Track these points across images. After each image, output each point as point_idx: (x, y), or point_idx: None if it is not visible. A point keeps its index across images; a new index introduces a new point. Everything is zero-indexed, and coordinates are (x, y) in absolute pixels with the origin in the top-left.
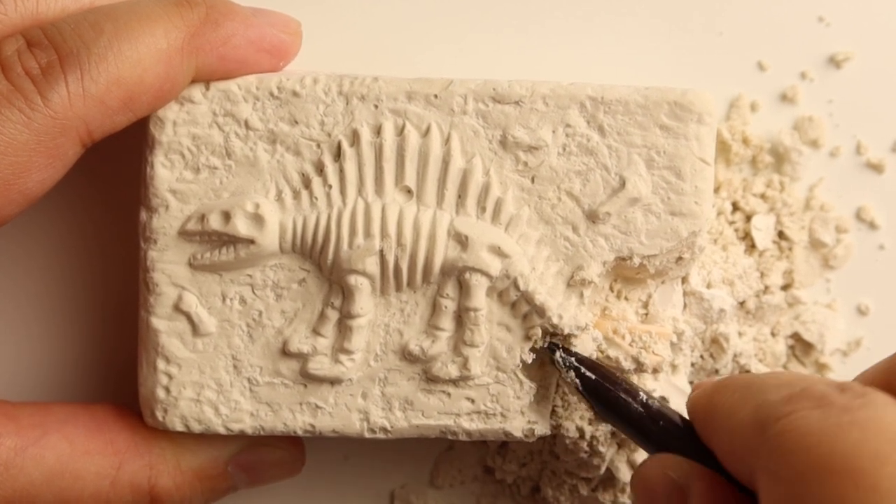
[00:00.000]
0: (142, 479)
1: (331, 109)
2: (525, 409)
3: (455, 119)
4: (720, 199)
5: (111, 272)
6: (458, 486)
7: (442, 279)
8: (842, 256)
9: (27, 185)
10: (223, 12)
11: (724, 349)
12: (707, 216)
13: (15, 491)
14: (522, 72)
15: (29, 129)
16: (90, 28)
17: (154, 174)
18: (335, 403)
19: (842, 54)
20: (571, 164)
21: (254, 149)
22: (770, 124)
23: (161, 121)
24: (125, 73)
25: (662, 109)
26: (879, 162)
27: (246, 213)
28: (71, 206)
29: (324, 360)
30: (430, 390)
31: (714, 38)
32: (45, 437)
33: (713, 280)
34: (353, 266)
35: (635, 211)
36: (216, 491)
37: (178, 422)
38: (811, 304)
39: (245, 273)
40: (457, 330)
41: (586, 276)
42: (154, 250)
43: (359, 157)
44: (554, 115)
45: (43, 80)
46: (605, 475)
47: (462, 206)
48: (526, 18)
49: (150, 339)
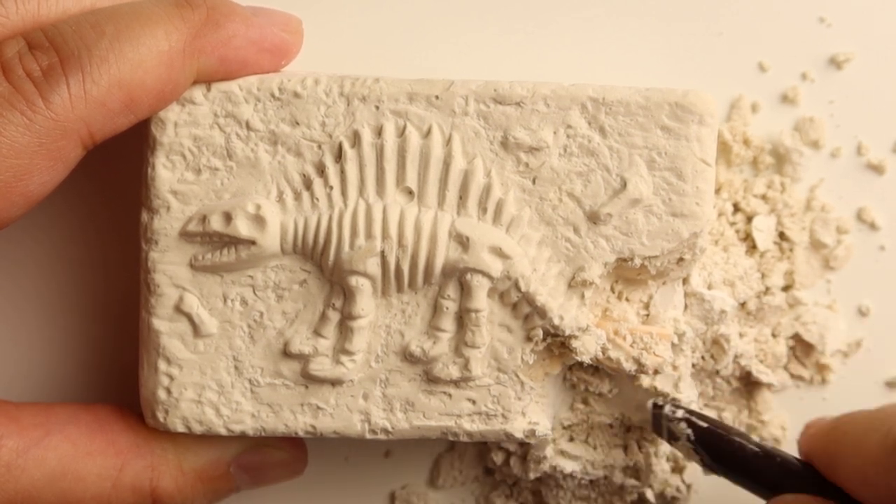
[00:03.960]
0: (143, 481)
1: (332, 110)
2: (526, 410)
3: (456, 120)
4: (721, 200)
5: (112, 273)
6: (458, 486)
7: (443, 280)
8: (842, 257)
9: (29, 187)
10: (224, 13)
11: (724, 350)
12: (708, 217)
13: (17, 492)
14: (523, 73)
15: (30, 131)
16: (91, 29)
17: (155, 175)
18: (336, 404)
19: (842, 55)
20: (573, 165)
21: (255, 150)
22: (771, 125)
23: (162, 122)
24: (126, 75)
25: (664, 110)
26: (880, 163)
27: (247, 214)
28: (72, 207)
29: (325, 361)
30: (431, 391)
31: (715, 39)
32: (46, 437)
33: (714, 281)
34: (354, 267)
35: (636, 212)
36: (218, 492)
37: (180, 423)
38: (812, 305)
39: (246, 274)
40: (458, 331)
41: (587, 277)
42: (155, 251)
43: (360, 158)
44: (555, 116)
45: (44, 83)
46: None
47: (463, 208)
48: (527, 19)
49: (152, 340)
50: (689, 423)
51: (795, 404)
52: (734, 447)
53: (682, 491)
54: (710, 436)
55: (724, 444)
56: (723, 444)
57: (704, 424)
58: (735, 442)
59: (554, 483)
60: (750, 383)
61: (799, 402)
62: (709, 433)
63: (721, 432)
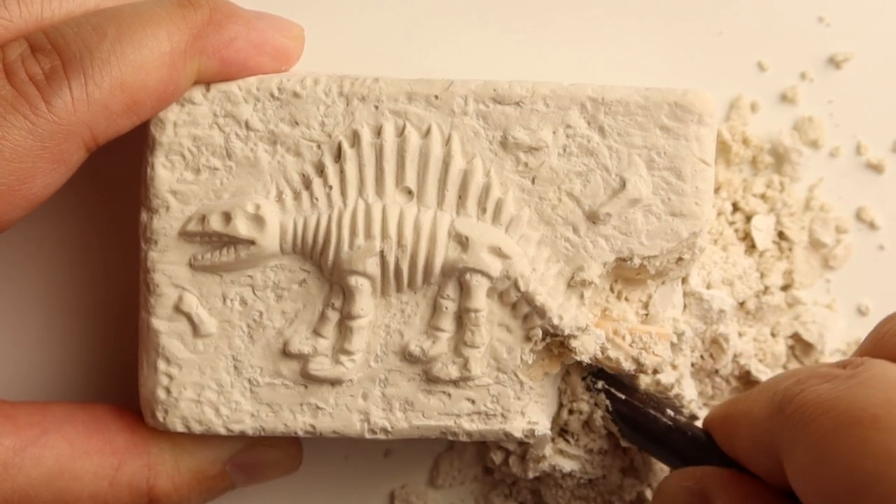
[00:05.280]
0: (140, 480)
1: (331, 110)
2: (525, 409)
3: (455, 120)
4: (720, 200)
5: (111, 273)
6: (458, 486)
7: (442, 280)
8: (842, 257)
9: (32, 190)
10: (226, 14)
11: (723, 350)
12: (707, 217)
13: (14, 491)
14: (523, 72)
15: (33, 135)
16: (93, 32)
17: (154, 175)
18: (335, 404)
19: (842, 55)
20: (572, 165)
21: (254, 150)
22: (770, 125)
23: (162, 122)
24: (129, 77)
25: (663, 110)
26: (879, 162)
27: (246, 214)
28: (71, 206)
29: (324, 361)
30: (430, 391)
31: (714, 39)
32: (43, 436)
33: (713, 280)
34: (353, 267)
35: (636, 212)
36: (214, 490)
37: (179, 422)
38: (811, 304)
39: (246, 274)
40: (457, 331)
41: (587, 276)
42: (154, 251)
43: (359, 158)
44: (554, 116)
45: (47, 86)
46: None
47: (462, 207)
48: (526, 19)
49: (151, 339)
50: (609, 393)
51: None
52: (648, 419)
53: None
54: (627, 407)
55: (638, 415)
56: (638, 415)
57: (622, 396)
58: (649, 415)
59: (553, 482)
60: (749, 383)
61: None
62: (625, 404)
63: (637, 404)
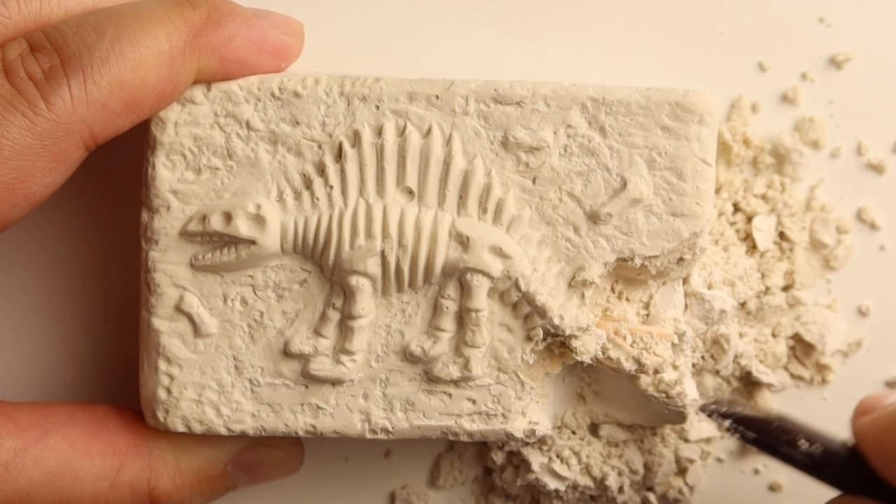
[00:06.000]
0: (141, 481)
1: (332, 110)
2: (526, 409)
3: (456, 120)
4: (721, 200)
5: (112, 273)
6: (457, 486)
7: (443, 280)
8: (842, 257)
9: (31, 189)
10: (225, 13)
11: (724, 350)
12: (708, 217)
13: (15, 492)
14: (524, 72)
15: (33, 133)
16: (92, 31)
17: (155, 175)
18: (336, 404)
19: (842, 55)
20: (573, 165)
21: (255, 149)
22: (771, 125)
23: (162, 121)
24: (128, 76)
25: (664, 110)
26: (880, 163)
27: (247, 214)
28: (72, 206)
29: (325, 361)
30: (431, 391)
31: (715, 39)
32: (44, 437)
33: (714, 281)
34: (354, 267)
35: (636, 212)
36: (215, 491)
37: (180, 423)
38: (812, 304)
39: (246, 274)
40: (458, 331)
41: (587, 276)
42: (155, 251)
43: (360, 158)
44: (555, 116)
45: (46, 85)
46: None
47: (463, 207)
48: (527, 19)
49: (152, 339)
50: (737, 430)
51: (795, 404)
52: (782, 456)
53: (685, 493)
54: (759, 446)
55: (772, 454)
56: (771, 454)
57: (752, 435)
58: (782, 452)
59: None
60: (750, 383)
61: (799, 403)
62: (756, 443)
63: (767, 444)
